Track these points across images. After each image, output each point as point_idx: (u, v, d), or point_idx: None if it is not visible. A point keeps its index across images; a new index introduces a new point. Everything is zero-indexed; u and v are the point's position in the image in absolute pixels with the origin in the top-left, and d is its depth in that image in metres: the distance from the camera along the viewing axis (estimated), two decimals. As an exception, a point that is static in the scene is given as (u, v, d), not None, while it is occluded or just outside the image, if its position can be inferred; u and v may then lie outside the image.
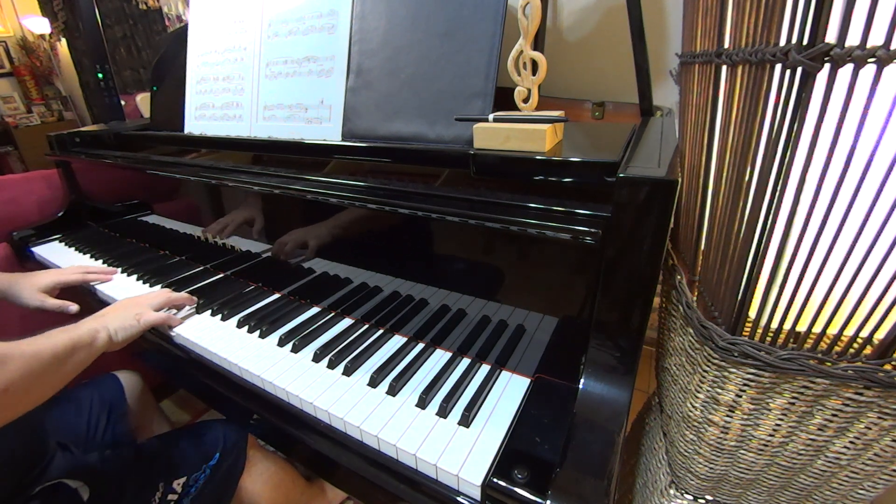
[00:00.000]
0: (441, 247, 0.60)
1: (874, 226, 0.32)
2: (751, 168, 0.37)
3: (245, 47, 0.83)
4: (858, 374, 0.37)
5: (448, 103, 0.62)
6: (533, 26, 0.51)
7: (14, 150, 3.92)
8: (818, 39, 0.29)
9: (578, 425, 0.47)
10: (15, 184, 1.20)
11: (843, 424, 0.41)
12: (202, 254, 0.95)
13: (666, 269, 0.59)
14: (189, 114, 0.94)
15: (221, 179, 0.78)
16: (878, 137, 0.30)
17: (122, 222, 1.14)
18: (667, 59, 0.90)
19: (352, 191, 0.63)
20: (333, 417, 0.54)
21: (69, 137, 1.16)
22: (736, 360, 0.42)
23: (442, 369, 0.60)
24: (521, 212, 0.51)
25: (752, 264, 0.39)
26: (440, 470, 0.47)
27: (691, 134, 0.51)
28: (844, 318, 0.37)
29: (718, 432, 0.48)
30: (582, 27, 0.97)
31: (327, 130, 0.72)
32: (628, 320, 0.47)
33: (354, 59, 0.70)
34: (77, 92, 4.07)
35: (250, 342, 0.69)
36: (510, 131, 0.53)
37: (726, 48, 0.41)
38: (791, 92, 0.32)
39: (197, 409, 1.40)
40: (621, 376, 0.49)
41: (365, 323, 0.71)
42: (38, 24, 3.85)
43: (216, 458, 0.73)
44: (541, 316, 0.56)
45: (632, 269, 0.45)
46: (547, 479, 0.43)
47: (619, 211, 0.44)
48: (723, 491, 0.55)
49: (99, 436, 0.80)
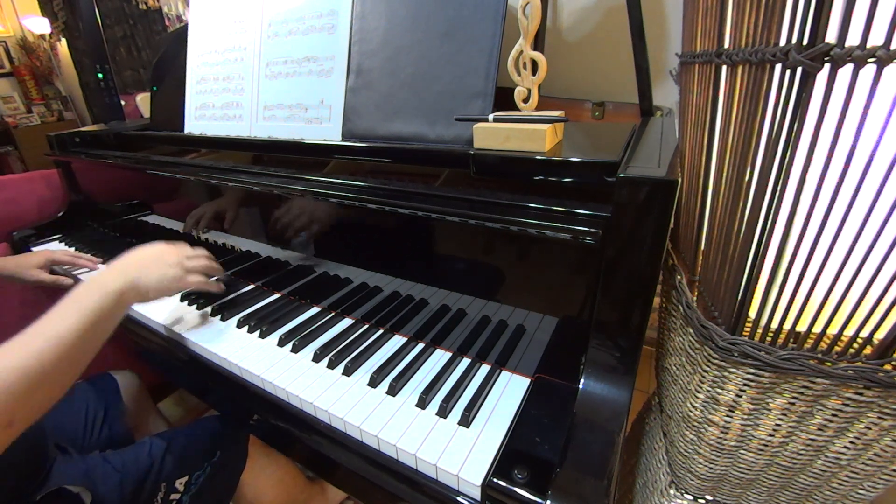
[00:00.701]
0: (441, 247, 0.60)
1: (874, 226, 0.32)
2: (751, 168, 0.37)
3: (245, 47, 0.83)
4: (858, 374, 0.37)
5: (448, 103, 0.62)
6: (533, 26, 0.51)
7: (14, 150, 3.92)
8: (818, 39, 0.29)
9: (578, 425, 0.47)
10: (15, 184, 1.20)
11: (843, 424, 0.41)
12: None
13: (666, 269, 0.59)
14: (189, 114, 0.94)
15: (221, 179, 0.78)
16: (877, 137, 0.30)
17: (122, 222, 1.14)
18: (667, 59, 0.90)
19: (352, 191, 0.63)
20: (333, 417, 0.54)
21: (69, 137, 1.16)
22: (736, 360, 0.42)
23: (442, 369, 0.60)
24: (521, 212, 0.51)
25: (752, 264, 0.39)
26: (440, 470, 0.47)
27: (691, 134, 0.51)
28: (844, 319, 0.37)
29: (718, 432, 0.48)
30: (582, 27, 0.97)
31: (327, 130, 0.72)
32: (628, 320, 0.47)
33: (354, 59, 0.70)
34: (77, 92, 4.07)
35: (250, 342, 0.69)
36: (510, 131, 0.53)
37: (726, 48, 0.41)
38: (791, 92, 0.32)
39: (197, 409, 1.40)
40: (621, 376, 0.49)
41: (365, 323, 0.71)
42: (38, 24, 3.85)
43: (217, 454, 0.72)
44: (541, 316, 0.56)
45: (632, 269, 0.45)
46: (547, 479, 0.43)
47: (619, 211, 0.44)
48: (723, 491, 0.55)
49: (95, 436, 0.79)
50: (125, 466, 0.65)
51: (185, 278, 0.65)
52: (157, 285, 0.61)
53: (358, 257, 0.69)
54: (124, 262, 0.62)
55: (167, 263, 0.65)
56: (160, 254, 0.66)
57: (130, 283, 0.58)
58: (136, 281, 0.59)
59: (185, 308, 0.79)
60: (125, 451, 0.69)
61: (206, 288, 0.69)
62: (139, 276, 0.60)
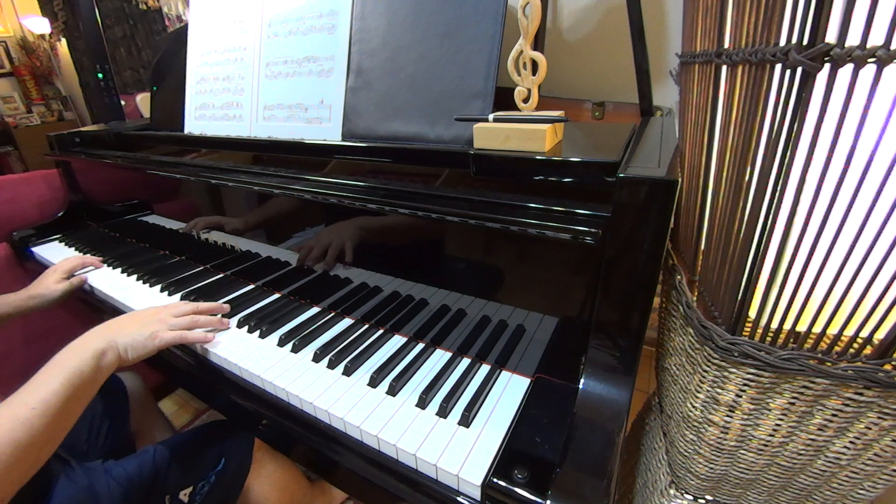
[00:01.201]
0: (441, 247, 0.60)
1: (874, 226, 0.32)
2: (751, 168, 0.37)
3: (245, 47, 0.83)
4: (858, 374, 0.37)
5: (448, 103, 0.62)
6: (533, 26, 0.51)
7: (14, 150, 3.92)
8: (818, 39, 0.29)
9: (578, 425, 0.47)
10: (15, 184, 1.20)
11: (843, 424, 0.41)
12: (202, 254, 0.95)
13: (666, 269, 0.59)
14: (189, 114, 0.94)
15: (221, 179, 0.78)
16: (877, 137, 0.30)
17: (122, 222, 1.14)
18: (667, 59, 0.90)
19: (352, 191, 0.63)
20: (333, 417, 0.54)
21: (69, 137, 1.16)
22: (736, 360, 0.42)
23: (442, 369, 0.60)
24: (521, 212, 0.51)
25: (752, 264, 0.39)
26: (440, 470, 0.47)
27: (691, 134, 0.51)
28: (844, 319, 0.37)
29: (718, 432, 0.48)
30: (582, 27, 0.97)
31: (327, 130, 0.72)
32: (628, 320, 0.47)
33: (354, 59, 0.70)
34: (77, 92, 4.07)
35: (250, 342, 0.68)
36: (510, 131, 0.53)
37: (726, 48, 0.41)
38: (791, 92, 0.32)
39: (197, 409, 1.40)
40: (621, 376, 0.49)
41: (365, 323, 0.71)
42: (38, 24, 3.85)
43: (222, 463, 0.71)
44: (541, 316, 0.56)
45: (632, 269, 0.45)
46: (547, 479, 0.43)
47: (619, 211, 0.44)
48: (723, 491, 0.55)
49: (100, 443, 0.78)
50: (129, 480, 0.63)
51: (159, 333, 0.63)
52: (133, 342, 0.61)
53: (358, 257, 0.69)
54: (107, 323, 0.64)
55: (148, 321, 0.65)
56: (145, 314, 0.67)
57: (108, 343, 0.59)
58: (113, 340, 0.60)
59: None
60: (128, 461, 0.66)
61: (187, 339, 0.66)
62: (116, 336, 0.61)
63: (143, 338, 0.62)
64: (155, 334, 0.63)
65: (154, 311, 0.68)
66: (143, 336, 0.62)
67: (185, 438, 0.72)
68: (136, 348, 0.62)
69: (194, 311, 0.70)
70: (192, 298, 0.81)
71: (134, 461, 0.65)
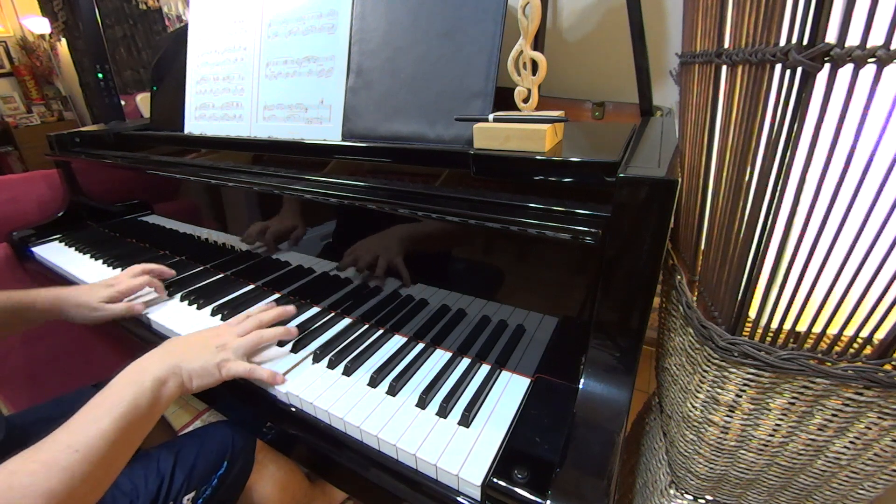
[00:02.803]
0: (441, 247, 0.60)
1: (874, 226, 0.32)
2: (751, 168, 0.37)
3: (245, 47, 0.83)
4: (858, 374, 0.37)
5: (448, 103, 0.62)
6: (533, 26, 0.51)
7: (14, 150, 3.93)
8: (818, 39, 0.29)
9: (578, 425, 0.47)
10: (15, 184, 1.20)
11: (843, 424, 0.41)
12: (202, 254, 0.95)
13: (666, 269, 0.59)
14: (189, 114, 0.94)
15: (221, 179, 0.78)
16: (878, 137, 0.30)
17: (122, 222, 1.14)
18: (667, 59, 0.90)
19: (352, 191, 0.63)
20: (333, 417, 0.54)
21: (69, 137, 1.16)
22: (736, 360, 0.42)
23: (442, 369, 0.60)
24: (521, 212, 0.51)
25: (752, 264, 0.39)
26: (440, 470, 0.47)
27: (691, 134, 0.51)
28: (844, 318, 0.37)
29: (718, 432, 0.48)
30: (582, 27, 0.97)
31: (327, 130, 0.72)
32: (628, 320, 0.47)
33: (354, 59, 0.70)
34: (77, 92, 4.07)
35: (250, 342, 0.68)
36: (510, 131, 0.53)
37: (726, 48, 0.41)
38: (791, 92, 0.32)
39: (196, 409, 1.40)
40: (621, 376, 0.49)
41: (365, 323, 0.71)
42: (38, 24, 3.86)
43: (224, 466, 0.70)
44: (541, 316, 0.56)
45: (632, 269, 0.45)
46: (547, 479, 0.43)
47: (619, 211, 0.44)
48: (723, 491, 0.55)
49: None
50: (135, 489, 0.61)
51: (228, 363, 0.56)
52: (200, 370, 0.54)
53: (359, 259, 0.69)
54: (167, 346, 0.57)
55: (213, 343, 0.58)
56: (207, 334, 0.60)
57: (171, 369, 0.52)
58: (177, 366, 0.53)
59: (185, 308, 0.79)
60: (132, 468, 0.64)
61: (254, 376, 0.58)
62: (180, 361, 0.54)
63: (211, 365, 0.56)
64: (223, 363, 0.56)
65: (217, 333, 0.61)
66: (210, 364, 0.56)
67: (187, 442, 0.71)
68: (202, 376, 0.55)
69: (257, 325, 0.63)
70: (192, 298, 0.81)
71: (139, 468, 0.63)
